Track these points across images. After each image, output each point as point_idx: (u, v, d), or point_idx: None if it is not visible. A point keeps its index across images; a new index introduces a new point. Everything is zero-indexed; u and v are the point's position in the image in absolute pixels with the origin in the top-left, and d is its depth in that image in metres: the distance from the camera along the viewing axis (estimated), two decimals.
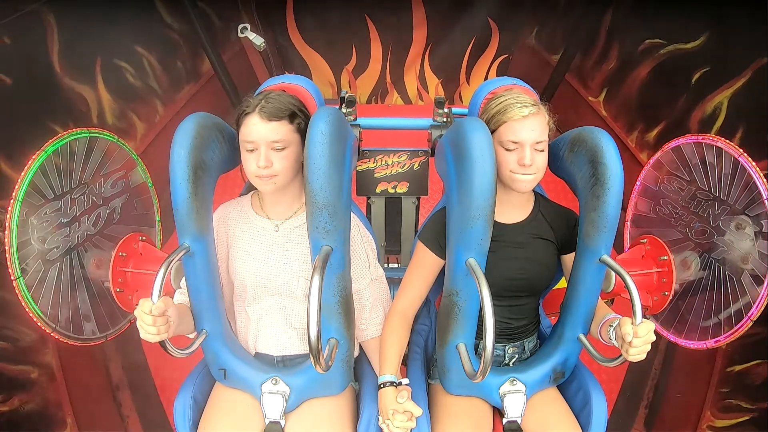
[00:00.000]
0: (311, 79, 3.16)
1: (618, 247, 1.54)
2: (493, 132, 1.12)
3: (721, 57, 1.92)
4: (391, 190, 1.81)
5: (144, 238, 1.53)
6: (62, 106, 1.81)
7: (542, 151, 1.12)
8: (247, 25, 2.80)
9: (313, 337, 0.88)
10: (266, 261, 1.20)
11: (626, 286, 1.02)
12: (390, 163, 1.76)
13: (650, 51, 2.30)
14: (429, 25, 3.07)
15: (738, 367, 1.76)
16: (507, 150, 1.11)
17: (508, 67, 3.27)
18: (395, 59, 3.24)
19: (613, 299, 1.52)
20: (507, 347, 1.28)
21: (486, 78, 3.29)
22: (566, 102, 2.92)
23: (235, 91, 2.89)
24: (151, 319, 0.96)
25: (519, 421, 1.21)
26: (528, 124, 1.09)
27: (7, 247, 1.20)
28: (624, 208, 1.30)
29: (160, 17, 2.43)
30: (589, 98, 2.81)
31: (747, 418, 1.70)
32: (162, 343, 1.01)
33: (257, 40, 2.78)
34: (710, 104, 1.94)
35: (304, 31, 3.11)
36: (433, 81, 3.34)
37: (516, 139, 1.10)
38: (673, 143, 1.53)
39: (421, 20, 3.04)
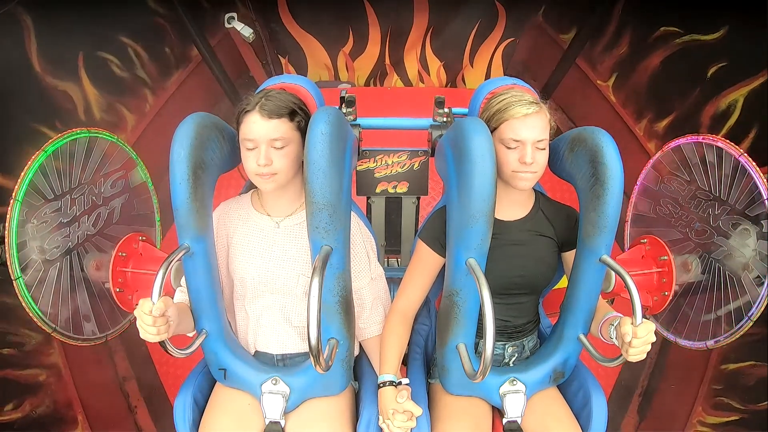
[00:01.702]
0: (306, 62, 3.16)
1: (618, 247, 1.54)
2: (494, 130, 1.12)
3: (740, 53, 1.85)
4: (391, 190, 1.81)
5: (144, 238, 1.53)
6: (46, 106, 1.77)
7: (543, 149, 1.12)
8: (234, 15, 2.68)
9: (313, 337, 0.88)
10: (266, 258, 1.20)
11: (626, 286, 1.02)
12: (390, 163, 1.76)
13: (665, 39, 2.22)
14: (431, 7, 2.98)
15: (732, 366, 1.76)
16: (508, 148, 1.11)
17: (514, 50, 3.18)
18: (394, 42, 3.14)
19: (613, 299, 1.52)
20: (507, 346, 1.28)
21: (491, 61, 3.21)
22: (574, 84, 2.86)
23: (225, 76, 2.82)
24: (151, 319, 0.96)
25: (519, 421, 1.21)
26: (529, 123, 1.09)
27: (7, 247, 1.20)
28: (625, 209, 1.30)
29: (145, 4, 2.36)
30: (598, 82, 2.74)
31: (737, 418, 1.70)
32: (162, 343, 1.01)
33: (245, 31, 2.67)
34: (724, 101, 1.89)
35: (297, 14, 3.01)
36: (434, 63, 3.25)
37: (517, 138, 1.10)
38: (673, 143, 1.53)
39: (422, 3, 2.98)
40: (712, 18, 1.96)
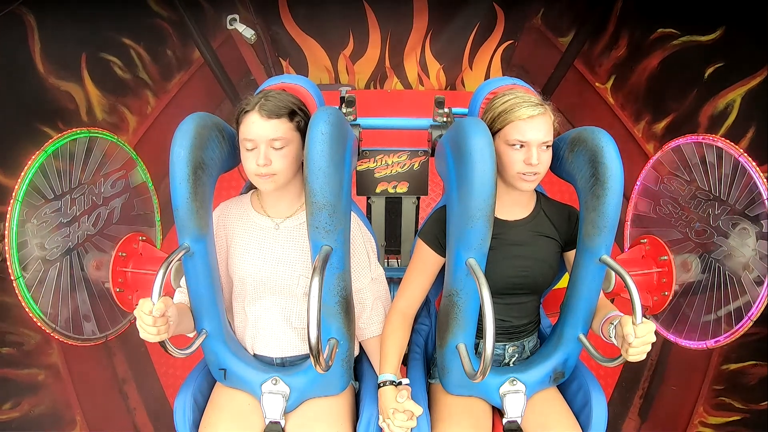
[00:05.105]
0: (307, 65, 3.17)
1: (618, 247, 1.54)
2: (497, 131, 1.12)
3: (737, 53, 1.87)
4: (391, 190, 1.81)
5: (144, 238, 1.53)
6: (49, 106, 1.78)
7: (547, 150, 1.12)
8: (236, 17, 2.68)
9: (314, 337, 0.88)
10: (266, 259, 1.20)
11: (626, 286, 1.02)
12: (390, 163, 1.77)
13: (662, 41, 2.24)
14: (430, 11, 3.01)
15: (733, 366, 1.76)
16: (513, 149, 1.11)
17: (513, 52, 3.20)
18: (394, 45, 3.17)
19: (613, 299, 1.52)
20: (507, 346, 1.28)
21: (490, 64, 3.23)
22: (572, 87, 2.88)
23: (227, 78, 2.83)
24: (152, 319, 0.96)
25: (519, 421, 1.20)
26: (535, 124, 1.09)
27: (7, 248, 1.20)
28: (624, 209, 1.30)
29: (147, 6, 2.39)
30: (596, 84, 2.76)
31: (738, 418, 1.70)
32: (162, 344, 1.01)
33: (247, 32, 2.66)
34: (722, 101, 1.90)
35: (298, 17, 3.04)
36: (434, 66, 3.28)
37: (524, 139, 1.09)
38: (673, 143, 1.53)
39: (422, 6, 3.00)
40: (709, 19, 1.97)
